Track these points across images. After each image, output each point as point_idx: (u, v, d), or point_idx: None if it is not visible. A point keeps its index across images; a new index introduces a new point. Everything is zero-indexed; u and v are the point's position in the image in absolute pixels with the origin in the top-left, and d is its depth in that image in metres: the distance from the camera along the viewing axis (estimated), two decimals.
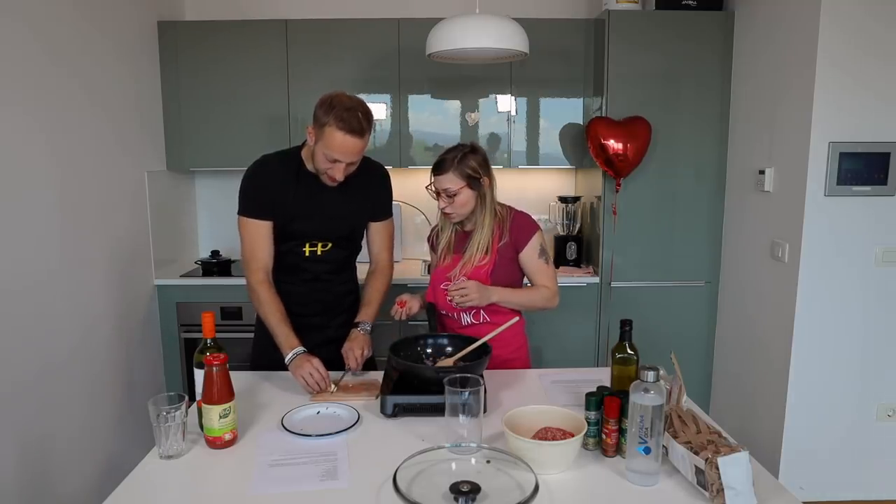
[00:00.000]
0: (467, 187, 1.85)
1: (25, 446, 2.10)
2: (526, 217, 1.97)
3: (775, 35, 2.68)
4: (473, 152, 1.88)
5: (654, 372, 1.26)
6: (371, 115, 1.76)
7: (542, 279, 1.95)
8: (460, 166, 1.84)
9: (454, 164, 1.84)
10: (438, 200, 1.90)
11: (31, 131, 2.17)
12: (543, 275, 1.95)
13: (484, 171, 1.88)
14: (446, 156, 1.87)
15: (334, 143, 1.71)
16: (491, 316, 1.93)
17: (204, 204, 3.62)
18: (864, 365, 2.62)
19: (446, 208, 1.89)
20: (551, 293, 1.95)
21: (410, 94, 3.21)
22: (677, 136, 3.06)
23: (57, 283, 2.31)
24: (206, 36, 3.14)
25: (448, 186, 1.85)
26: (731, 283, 3.10)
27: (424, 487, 1.20)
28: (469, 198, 1.87)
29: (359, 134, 1.71)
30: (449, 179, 1.85)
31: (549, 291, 1.95)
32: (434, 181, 1.88)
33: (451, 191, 1.85)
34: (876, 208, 2.51)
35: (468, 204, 1.88)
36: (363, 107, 1.74)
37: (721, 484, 1.15)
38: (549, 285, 1.95)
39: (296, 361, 1.73)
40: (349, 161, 1.76)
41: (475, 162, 1.86)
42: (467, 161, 1.85)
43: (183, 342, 3.13)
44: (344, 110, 1.69)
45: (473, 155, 1.87)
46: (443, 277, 1.95)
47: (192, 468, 1.37)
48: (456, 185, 1.85)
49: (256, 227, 1.86)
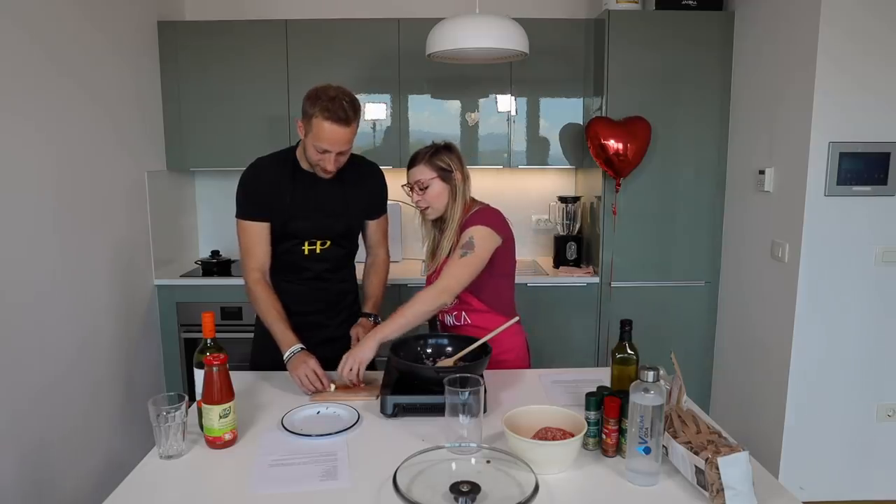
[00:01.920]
0: (438, 179, 1.88)
1: (26, 446, 2.10)
2: (484, 213, 1.87)
3: (775, 35, 2.68)
4: (447, 149, 1.92)
5: (654, 372, 1.26)
6: (357, 103, 1.77)
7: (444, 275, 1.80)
8: (432, 159, 1.89)
9: (426, 158, 1.89)
10: (412, 196, 1.92)
11: (30, 131, 2.17)
12: (445, 268, 1.81)
13: (456, 166, 1.90)
14: (419, 151, 1.93)
15: (322, 133, 1.72)
16: (471, 316, 1.93)
17: (204, 204, 3.62)
18: (864, 365, 2.62)
19: (420, 202, 1.91)
20: (436, 291, 1.76)
21: (410, 94, 3.21)
22: (677, 136, 3.06)
23: (57, 283, 2.31)
24: (206, 36, 3.14)
25: (419, 178, 1.89)
26: (731, 283, 3.10)
27: (424, 487, 1.20)
28: (441, 190, 1.89)
29: (345, 122, 1.72)
30: (420, 171, 1.89)
31: (433, 290, 1.77)
32: (407, 175, 1.92)
33: (423, 182, 1.88)
34: (876, 208, 2.51)
35: (441, 196, 1.89)
36: (348, 95, 1.75)
37: (721, 484, 1.15)
38: (443, 281, 1.77)
39: (293, 360, 1.73)
40: (338, 150, 1.77)
41: (447, 157, 1.90)
42: (439, 155, 1.89)
43: (183, 342, 3.13)
44: (329, 100, 1.70)
45: (446, 151, 1.91)
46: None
47: (192, 468, 1.37)
48: (427, 175, 1.88)
49: (253, 228, 1.88)
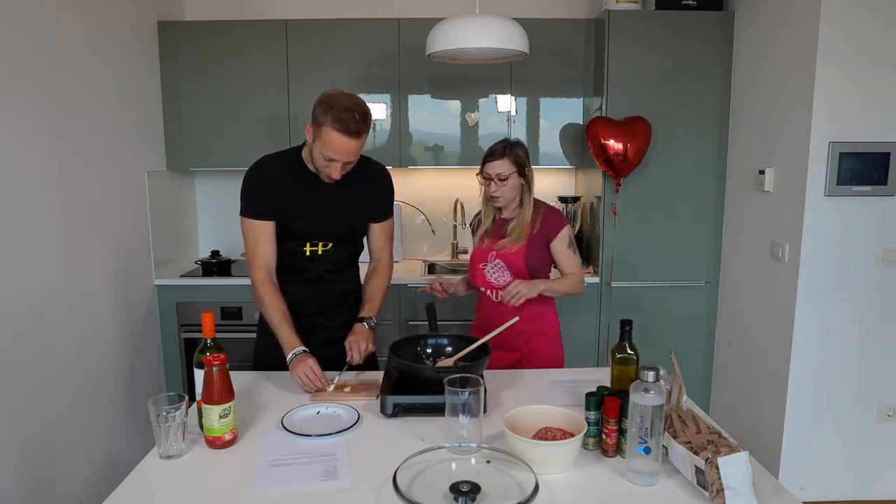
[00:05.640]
0: (517, 174, 2.06)
1: (26, 446, 2.10)
2: (557, 212, 2.19)
3: (775, 35, 2.68)
4: (519, 144, 2.11)
5: (654, 372, 1.26)
6: (369, 115, 1.76)
7: (570, 267, 2.15)
8: (512, 153, 2.06)
9: (507, 152, 2.06)
10: (489, 186, 2.09)
11: (31, 131, 2.17)
12: (572, 263, 2.15)
13: (528, 162, 2.10)
14: (496, 146, 2.09)
15: (331, 144, 1.71)
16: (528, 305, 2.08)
17: (204, 204, 3.62)
18: (864, 365, 2.62)
19: (496, 192, 2.07)
20: (578, 279, 2.16)
21: (410, 94, 3.21)
22: (677, 136, 3.06)
23: (57, 283, 2.31)
24: (206, 36, 3.14)
25: (501, 171, 2.05)
26: (731, 283, 3.10)
27: (424, 487, 1.20)
28: (516, 184, 2.07)
29: (355, 135, 1.71)
30: (502, 165, 2.05)
31: (576, 278, 2.16)
32: (487, 167, 2.08)
33: (504, 175, 2.05)
34: (876, 208, 2.51)
35: (515, 189, 2.08)
36: (361, 107, 1.73)
37: (721, 484, 1.15)
38: (577, 272, 2.16)
39: (294, 361, 1.73)
40: (346, 161, 1.76)
41: (522, 153, 2.09)
42: (516, 150, 2.08)
43: (183, 342, 3.13)
44: (342, 111, 1.69)
45: (519, 147, 2.10)
46: (481, 258, 2.17)
47: (192, 468, 1.37)
48: (508, 169, 2.05)
49: (258, 227, 1.87)
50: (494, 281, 2.13)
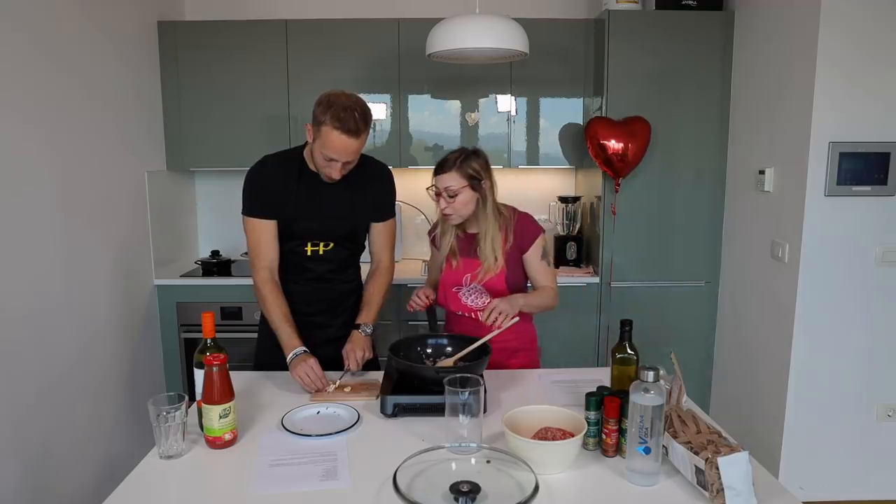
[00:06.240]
0: (468, 188, 1.86)
1: (27, 446, 2.10)
2: (529, 219, 1.99)
3: (775, 35, 2.68)
4: (476, 154, 1.90)
5: (654, 372, 1.26)
6: (369, 115, 1.75)
7: (544, 279, 1.99)
8: (463, 166, 1.86)
9: (456, 164, 1.86)
10: (438, 201, 1.90)
11: (31, 131, 2.17)
12: (546, 275, 1.99)
13: (485, 174, 1.90)
14: (449, 156, 1.89)
15: (331, 143, 1.71)
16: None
17: (204, 204, 3.62)
18: (864, 365, 2.62)
19: (446, 209, 1.88)
20: (554, 293, 2.00)
21: (410, 94, 3.21)
22: (677, 136, 3.06)
23: (57, 283, 2.31)
24: (206, 36, 3.14)
25: (449, 185, 1.85)
26: (731, 283, 3.10)
27: (424, 487, 1.20)
28: (470, 199, 1.88)
29: (355, 134, 1.71)
30: (451, 178, 1.86)
31: (552, 291, 1.99)
32: (435, 181, 1.89)
33: (452, 190, 1.85)
34: (876, 208, 2.51)
35: (468, 205, 1.89)
36: (361, 107, 1.73)
37: (721, 484, 1.15)
38: (552, 285, 2.00)
39: (294, 361, 1.74)
40: (345, 160, 1.76)
41: (477, 164, 1.88)
42: (470, 162, 1.87)
43: (183, 342, 3.13)
44: (341, 110, 1.68)
45: (476, 157, 1.89)
46: (453, 282, 1.98)
47: (192, 468, 1.37)
48: (458, 184, 1.85)
49: (260, 226, 1.87)
50: (472, 304, 1.97)
